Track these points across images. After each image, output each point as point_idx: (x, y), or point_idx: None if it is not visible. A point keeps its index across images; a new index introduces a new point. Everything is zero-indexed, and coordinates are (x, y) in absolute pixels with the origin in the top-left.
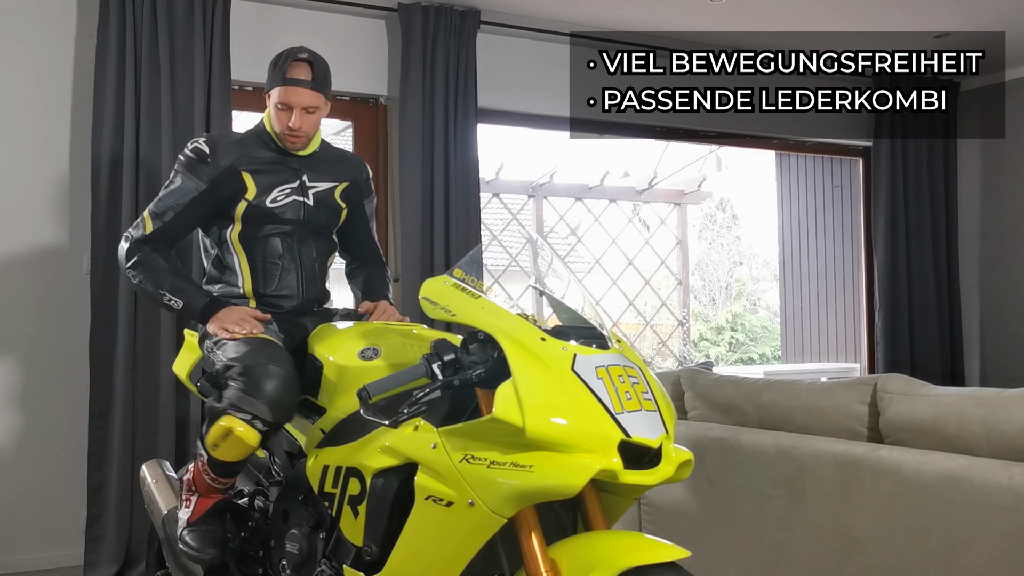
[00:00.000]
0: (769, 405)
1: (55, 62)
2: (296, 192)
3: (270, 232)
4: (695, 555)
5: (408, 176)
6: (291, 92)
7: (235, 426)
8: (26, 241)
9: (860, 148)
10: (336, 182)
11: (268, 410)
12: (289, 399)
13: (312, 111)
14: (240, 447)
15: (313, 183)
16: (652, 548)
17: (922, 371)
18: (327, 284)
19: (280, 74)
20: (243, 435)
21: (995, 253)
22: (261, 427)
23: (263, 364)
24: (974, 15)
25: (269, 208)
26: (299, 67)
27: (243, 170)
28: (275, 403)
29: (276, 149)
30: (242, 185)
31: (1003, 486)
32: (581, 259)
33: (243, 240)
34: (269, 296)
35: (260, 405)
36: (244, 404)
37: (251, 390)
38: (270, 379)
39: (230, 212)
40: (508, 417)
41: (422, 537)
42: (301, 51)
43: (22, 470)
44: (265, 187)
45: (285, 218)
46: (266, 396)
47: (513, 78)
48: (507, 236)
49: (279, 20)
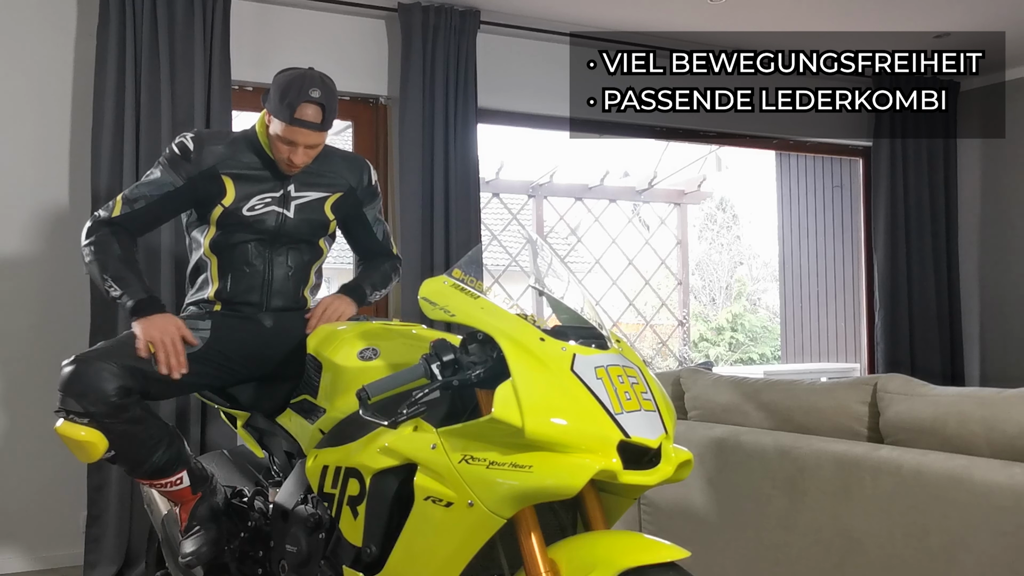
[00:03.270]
0: (769, 405)
1: (55, 62)
2: (277, 203)
3: (241, 239)
4: (695, 555)
5: (408, 176)
6: (297, 133)
7: (61, 432)
8: (26, 241)
9: (860, 148)
10: (327, 192)
11: (76, 403)
12: (96, 387)
13: (315, 147)
14: (80, 450)
15: (300, 194)
16: (652, 548)
17: (922, 371)
18: (311, 289)
19: (288, 111)
20: (70, 434)
21: (995, 253)
22: (80, 420)
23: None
24: (974, 15)
25: (244, 216)
26: (310, 108)
27: (224, 173)
28: (79, 394)
29: (263, 156)
30: (221, 188)
31: (1003, 486)
32: (581, 259)
33: (214, 246)
34: (232, 301)
35: (69, 400)
36: (62, 404)
37: (63, 387)
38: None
39: (206, 216)
40: (507, 417)
41: (422, 537)
42: (312, 87)
43: (22, 470)
44: (244, 194)
45: (259, 228)
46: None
47: (513, 78)
48: (507, 236)
49: (279, 20)
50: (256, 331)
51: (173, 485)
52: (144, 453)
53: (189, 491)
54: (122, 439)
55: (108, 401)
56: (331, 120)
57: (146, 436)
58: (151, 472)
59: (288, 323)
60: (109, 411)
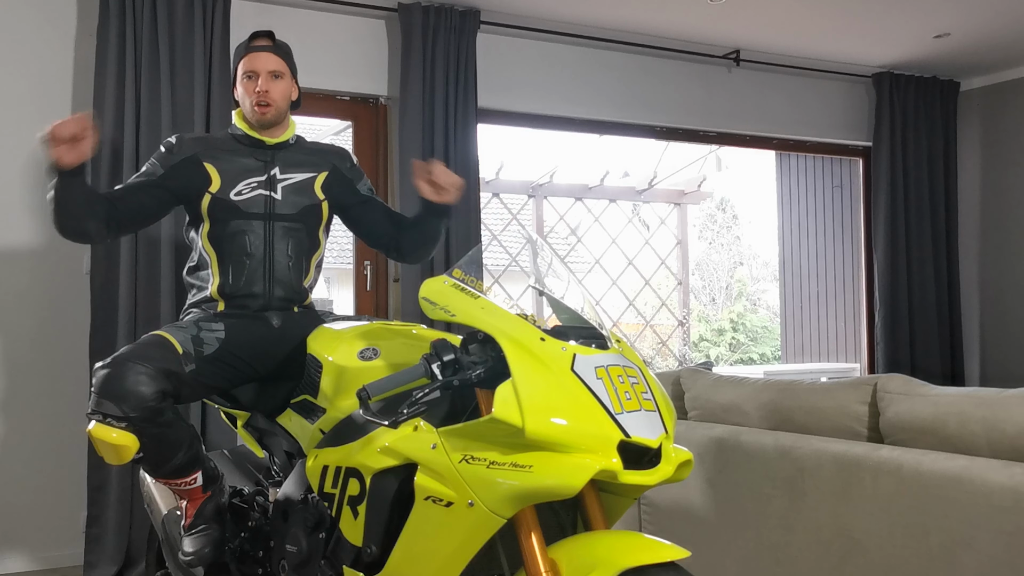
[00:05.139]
0: (769, 405)
1: (55, 63)
2: (263, 186)
3: (237, 229)
4: (695, 555)
5: (408, 176)
6: (255, 57)
7: (94, 435)
8: (26, 241)
9: (860, 148)
10: (314, 172)
11: (115, 406)
12: (135, 391)
13: (278, 76)
14: (112, 453)
15: (285, 175)
16: (652, 548)
17: (922, 371)
18: (310, 284)
19: (242, 48)
20: (103, 437)
21: (995, 253)
22: (118, 424)
23: (122, 363)
24: (974, 15)
25: (233, 201)
26: (259, 39)
27: (205, 160)
28: (119, 397)
29: (245, 142)
30: (205, 176)
31: (1003, 486)
32: (581, 259)
33: (212, 238)
34: (235, 296)
35: (107, 403)
36: (98, 407)
37: (100, 390)
38: (120, 378)
39: (197, 209)
40: (507, 417)
41: (422, 537)
42: (261, 29)
43: (22, 470)
44: (230, 178)
45: (250, 212)
46: (111, 393)
47: (513, 78)
48: (507, 236)
49: (279, 20)
50: (265, 330)
51: (187, 484)
52: (169, 455)
53: (200, 490)
54: (153, 441)
55: (147, 405)
56: (285, 52)
57: (174, 439)
58: (170, 472)
59: (294, 322)
60: (147, 415)
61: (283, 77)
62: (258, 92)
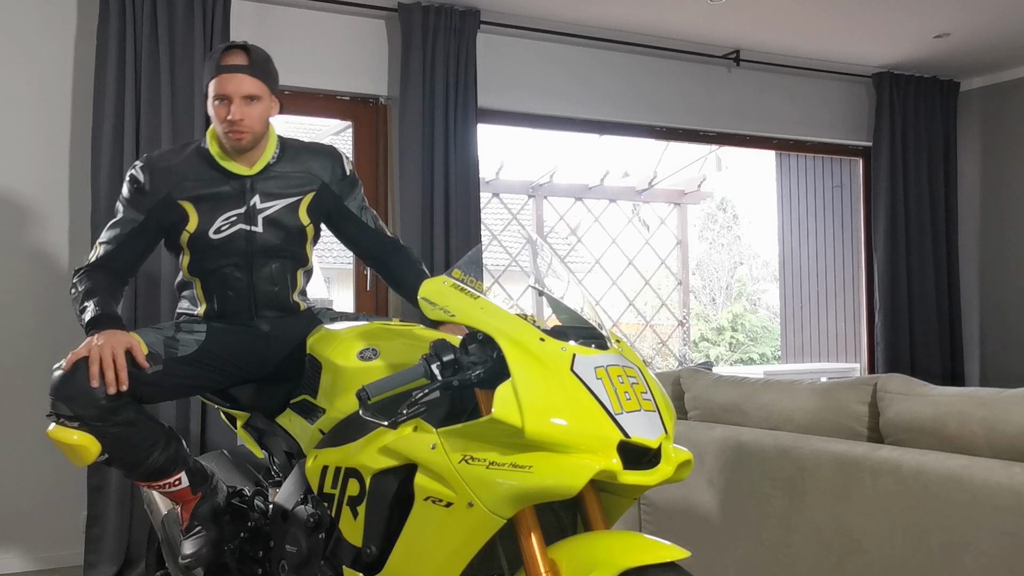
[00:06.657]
0: (769, 405)
1: (55, 63)
2: (242, 219)
3: (218, 265)
4: (695, 555)
5: (408, 176)
6: (226, 80)
7: (53, 437)
8: (26, 241)
9: (860, 148)
10: (299, 195)
11: (66, 407)
12: (84, 391)
13: (254, 100)
14: (73, 454)
15: (266, 204)
16: (652, 548)
17: (922, 371)
18: (300, 292)
19: (213, 64)
20: (63, 438)
21: (995, 253)
22: (70, 424)
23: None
24: (974, 15)
25: (212, 240)
26: (233, 54)
27: (181, 200)
28: (69, 398)
29: (220, 170)
30: (183, 215)
31: (1003, 486)
32: (581, 259)
33: (193, 270)
34: (223, 317)
35: (59, 404)
36: (53, 408)
37: (53, 391)
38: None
39: (177, 242)
40: (507, 418)
41: (422, 538)
42: (235, 41)
43: (22, 470)
44: (208, 217)
45: (230, 250)
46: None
47: (513, 78)
48: (507, 236)
49: (279, 20)
50: (252, 335)
51: (172, 486)
52: (139, 455)
53: (189, 491)
54: (116, 442)
55: (98, 404)
56: (262, 69)
57: (140, 439)
58: (148, 474)
59: (285, 326)
60: (99, 415)
61: (260, 99)
62: (229, 119)
